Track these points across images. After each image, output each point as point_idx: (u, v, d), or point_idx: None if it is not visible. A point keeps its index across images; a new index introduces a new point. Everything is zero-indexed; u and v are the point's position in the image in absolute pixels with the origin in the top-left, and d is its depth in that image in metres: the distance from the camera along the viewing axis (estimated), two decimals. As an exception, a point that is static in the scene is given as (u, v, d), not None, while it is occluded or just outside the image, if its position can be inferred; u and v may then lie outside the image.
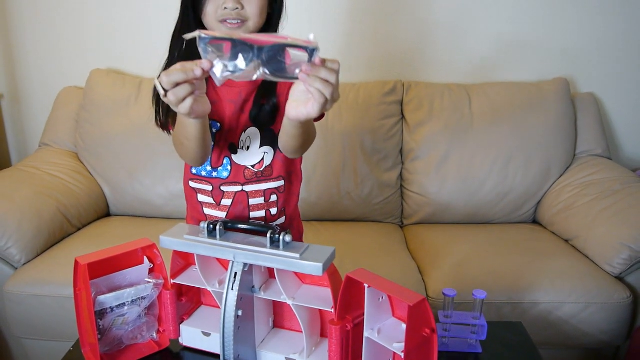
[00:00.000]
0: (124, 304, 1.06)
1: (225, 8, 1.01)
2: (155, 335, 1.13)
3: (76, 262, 1.01)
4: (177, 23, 1.10)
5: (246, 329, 1.03)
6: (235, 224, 1.03)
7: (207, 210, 1.16)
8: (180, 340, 1.13)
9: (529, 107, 2.07)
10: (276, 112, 1.09)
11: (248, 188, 1.13)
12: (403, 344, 0.87)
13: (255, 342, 1.07)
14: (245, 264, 0.98)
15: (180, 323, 1.12)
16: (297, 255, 0.93)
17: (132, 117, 2.07)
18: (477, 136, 2.05)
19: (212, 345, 1.10)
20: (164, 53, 1.13)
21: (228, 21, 1.02)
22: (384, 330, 0.95)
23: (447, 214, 2.06)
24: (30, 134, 2.43)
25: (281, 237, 0.96)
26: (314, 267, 0.92)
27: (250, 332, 1.05)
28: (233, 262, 0.99)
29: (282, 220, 1.19)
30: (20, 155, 2.48)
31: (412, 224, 2.10)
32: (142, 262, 1.09)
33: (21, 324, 1.63)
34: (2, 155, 2.44)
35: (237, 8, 1.00)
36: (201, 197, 1.16)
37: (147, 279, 1.09)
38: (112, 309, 1.05)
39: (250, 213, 1.14)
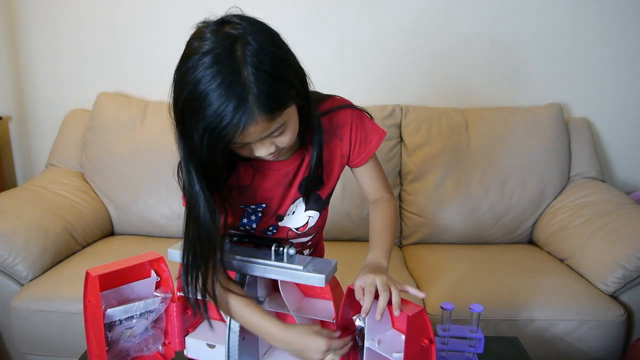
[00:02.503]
0: (132, 317, 1.09)
1: (258, 156, 0.90)
2: (160, 347, 1.15)
3: (87, 274, 1.04)
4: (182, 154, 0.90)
5: (250, 340, 1.06)
6: (242, 238, 1.07)
7: None
8: (185, 352, 1.15)
9: (524, 131, 2.13)
10: (323, 180, 1.08)
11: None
12: (402, 354, 0.91)
13: (259, 354, 1.10)
14: (250, 276, 1.02)
15: (186, 335, 1.15)
16: (301, 267, 0.97)
17: (137, 138, 2.12)
18: (473, 159, 2.10)
19: (216, 357, 1.12)
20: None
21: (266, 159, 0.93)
22: (384, 340, 0.98)
23: (445, 234, 2.10)
24: (37, 155, 2.48)
25: (285, 250, 0.99)
26: (317, 279, 0.96)
27: (254, 344, 1.08)
28: (239, 274, 1.02)
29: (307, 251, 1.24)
30: (26, 176, 2.52)
31: (411, 244, 2.13)
32: (149, 275, 1.12)
33: (27, 339, 1.66)
34: (8, 176, 2.49)
35: (272, 153, 0.90)
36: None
37: (155, 293, 1.12)
38: (120, 321, 1.08)
39: None
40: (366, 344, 0.96)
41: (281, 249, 0.99)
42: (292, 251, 0.99)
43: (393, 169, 2.13)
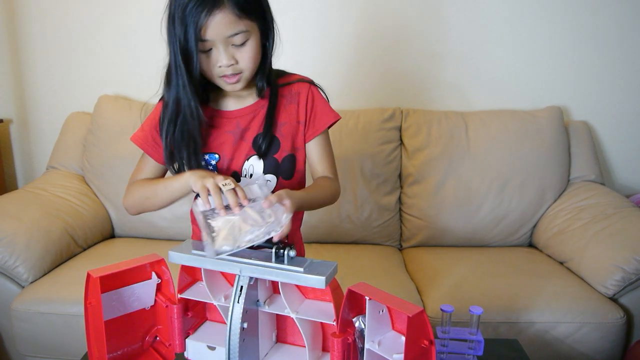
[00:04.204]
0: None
1: (220, 66, 1.03)
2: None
3: (88, 275, 1.04)
4: (168, 72, 1.07)
5: (250, 342, 1.06)
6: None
7: None
8: (186, 354, 1.15)
9: (524, 134, 2.13)
10: (279, 141, 1.13)
11: None
12: (402, 355, 0.91)
13: (259, 356, 1.10)
14: (250, 278, 1.02)
15: (186, 337, 1.15)
16: (301, 269, 0.97)
17: (138, 141, 2.12)
18: (473, 162, 2.10)
19: (216, 359, 1.12)
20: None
21: (226, 78, 1.05)
22: (384, 342, 0.98)
23: (445, 237, 2.10)
24: (37, 158, 2.49)
25: (285, 252, 0.99)
26: (317, 280, 0.96)
27: (254, 346, 1.08)
28: (239, 276, 1.02)
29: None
30: (27, 178, 2.52)
31: (411, 247, 2.14)
32: (150, 277, 1.12)
33: (27, 341, 1.66)
34: (9, 178, 2.49)
35: (232, 64, 1.02)
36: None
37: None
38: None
39: None
40: (366, 346, 0.96)
41: (282, 250, 1.00)
42: (292, 253, 1.00)
43: (393, 172, 2.13)
